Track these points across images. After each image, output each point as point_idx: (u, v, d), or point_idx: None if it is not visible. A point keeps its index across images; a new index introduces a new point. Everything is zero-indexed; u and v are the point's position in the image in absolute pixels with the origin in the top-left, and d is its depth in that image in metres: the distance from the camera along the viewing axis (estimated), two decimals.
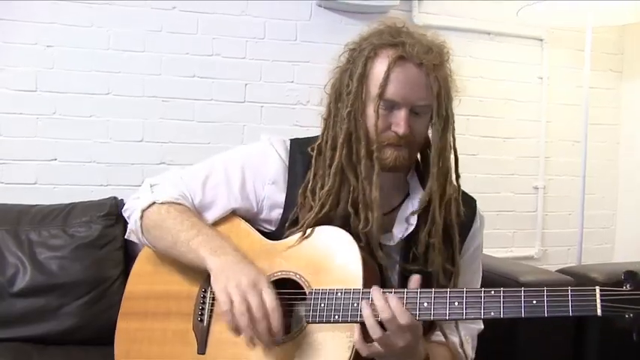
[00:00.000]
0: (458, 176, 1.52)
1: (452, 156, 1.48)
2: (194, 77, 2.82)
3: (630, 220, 3.50)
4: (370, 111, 1.42)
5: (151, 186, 1.57)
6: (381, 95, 1.39)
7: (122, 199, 2.42)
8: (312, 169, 1.48)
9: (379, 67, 1.41)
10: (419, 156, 1.54)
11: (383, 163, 1.42)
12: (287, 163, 1.52)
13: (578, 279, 2.07)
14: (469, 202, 1.57)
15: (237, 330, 1.31)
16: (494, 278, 2.08)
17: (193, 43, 2.81)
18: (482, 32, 3.25)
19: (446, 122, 1.44)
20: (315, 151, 1.49)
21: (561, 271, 2.25)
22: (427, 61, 1.38)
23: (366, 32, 1.48)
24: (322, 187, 1.44)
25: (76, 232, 2.29)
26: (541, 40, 3.35)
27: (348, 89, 1.44)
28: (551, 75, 3.38)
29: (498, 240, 3.27)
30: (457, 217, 1.49)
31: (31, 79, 2.62)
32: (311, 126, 2.88)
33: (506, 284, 1.97)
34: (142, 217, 1.52)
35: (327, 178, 1.44)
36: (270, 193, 1.52)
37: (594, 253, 3.42)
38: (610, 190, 3.55)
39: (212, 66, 2.84)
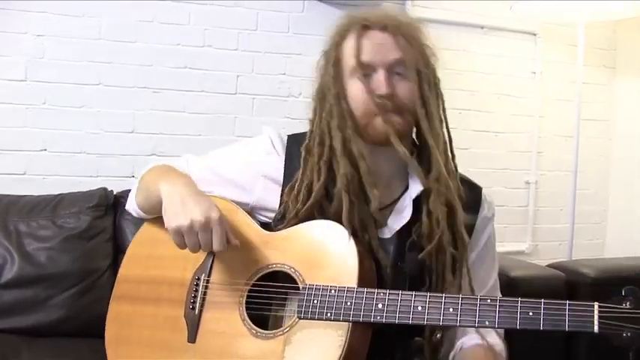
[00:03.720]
0: (453, 156, 1.48)
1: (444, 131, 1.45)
2: (185, 68, 2.80)
3: (621, 216, 3.51)
4: (352, 85, 1.41)
5: None
6: (356, 64, 1.39)
7: (112, 190, 2.42)
8: (301, 169, 1.45)
9: (348, 44, 1.41)
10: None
11: (377, 135, 1.39)
12: (284, 157, 1.50)
13: (569, 274, 2.07)
14: (473, 190, 1.53)
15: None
16: None
17: (185, 34, 2.79)
18: (476, 26, 3.24)
19: (427, 83, 1.41)
20: (304, 151, 1.47)
21: (552, 265, 2.25)
22: (390, 22, 1.40)
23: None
24: (311, 183, 1.42)
25: (65, 223, 2.27)
26: (534, 34, 3.35)
27: (327, 79, 1.44)
28: (544, 70, 3.38)
29: None
30: (458, 197, 1.43)
31: (21, 69, 2.59)
32: (303, 118, 2.87)
33: None
34: (139, 181, 1.58)
35: (316, 173, 1.42)
36: (266, 185, 1.50)
37: (585, 249, 3.42)
38: (602, 186, 3.55)
39: (204, 57, 2.82)
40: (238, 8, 2.85)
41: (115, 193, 2.42)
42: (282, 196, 1.48)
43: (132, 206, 1.62)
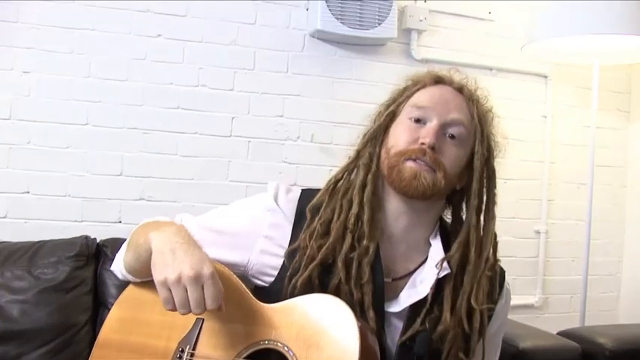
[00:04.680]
0: (495, 248, 1.43)
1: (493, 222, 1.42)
2: (178, 109, 2.69)
3: (637, 267, 3.38)
4: (400, 123, 1.37)
5: None
6: (414, 105, 1.36)
7: (95, 239, 2.31)
8: (323, 205, 1.38)
9: (416, 94, 1.40)
10: (450, 217, 1.44)
11: (400, 180, 1.31)
12: (292, 218, 1.40)
13: (584, 344, 1.93)
14: (495, 278, 1.45)
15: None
16: None
17: (178, 72, 2.69)
18: (485, 68, 3.13)
19: (490, 173, 1.42)
20: (330, 186, 1.41)
21: (565, 333, 2.11)
22: (467, 88, 1.39)
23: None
24: (330, 221, 1.35)
25: (42, 274, 2.14)
26: (546, 77, 3.26)
27: (376, 124, 1.41)
28: (556, 113, 3.28)
29: None
30: (487, 299, 1.37)
31: (5, 107, 2.49)
32: (300, 163, 2.81)
33: (504, 350, 1.82)
34: (129, 239, 1.46)
35: (337, 210, 1.37)
36: (266, 246, 1.40)
37: (599, 302, 3.30)
38: (616, 236, 3.44)
39: (197, 97, 2.71)
40: (235, 46, 2.76)
41: (98, 241, 2.31)
42: (284, 257, 1.38)
43: (118, 267, 1.50)
